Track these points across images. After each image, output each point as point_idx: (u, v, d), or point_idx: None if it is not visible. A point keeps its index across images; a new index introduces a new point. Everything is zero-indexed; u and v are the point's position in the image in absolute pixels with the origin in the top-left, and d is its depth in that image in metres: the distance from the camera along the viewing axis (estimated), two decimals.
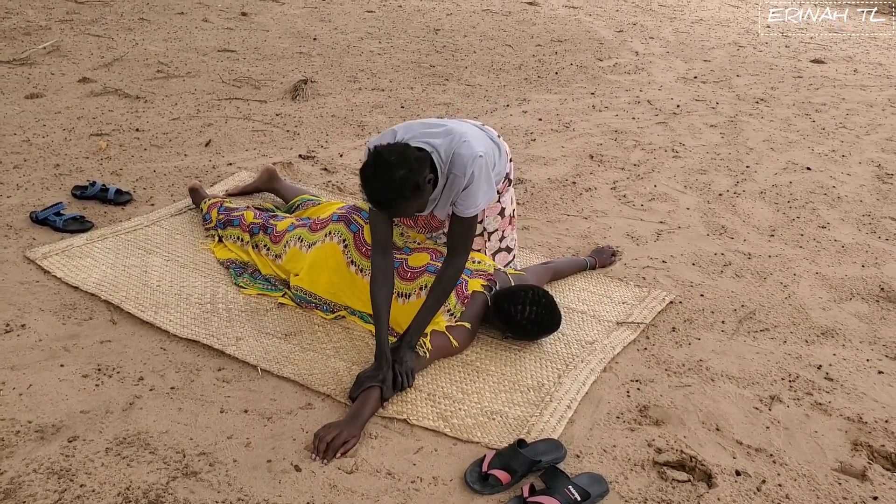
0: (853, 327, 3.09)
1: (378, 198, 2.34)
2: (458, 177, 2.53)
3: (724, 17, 10.56)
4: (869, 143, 5.50)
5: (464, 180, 2.52)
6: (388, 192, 2.31)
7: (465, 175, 2.52)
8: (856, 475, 2.28)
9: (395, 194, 2.31)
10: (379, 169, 2.30)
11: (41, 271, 2.98)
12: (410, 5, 9.41)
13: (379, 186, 2.31)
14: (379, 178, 2.31)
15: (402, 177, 2.29)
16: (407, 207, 2.38)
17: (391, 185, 2.30)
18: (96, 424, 2.21)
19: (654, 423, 2.42)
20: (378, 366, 2.43)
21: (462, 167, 2.51)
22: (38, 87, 5.19)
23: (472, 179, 2.52)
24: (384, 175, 2.30)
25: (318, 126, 4.97)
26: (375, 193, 2.33)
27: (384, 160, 2.30)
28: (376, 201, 2.35)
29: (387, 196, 2.32)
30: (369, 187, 2.33)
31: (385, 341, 2.49)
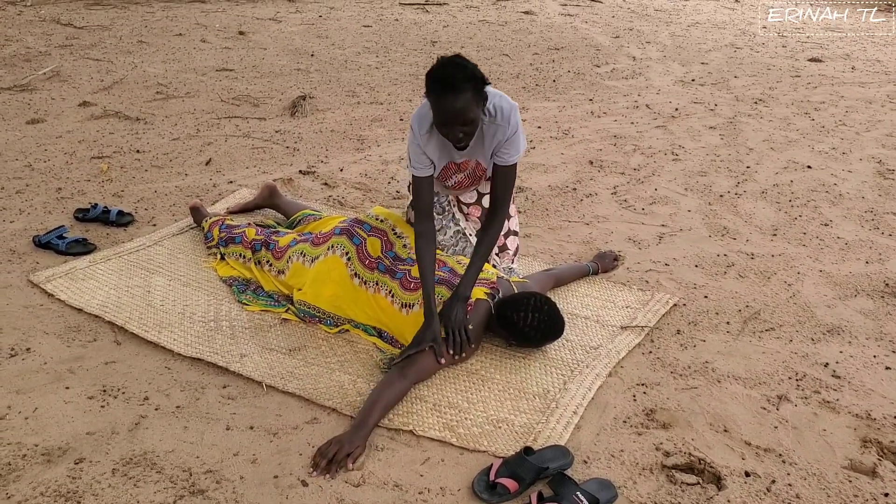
0: (859, 324, 3.08)
1: (452, 79, 2.41)
2: (501, 126, 2.68)
3: (720, 19, 10.58)
4: (869, 140, 5.50)
5: (507, 129, 2.68)
6: (461, 76, 2.41)
7: (508, 124, 2.67)
8: (866, 472, 2.26)
9: (464, 79, 2.41)
10: (452, 58, 2.47)
11: (45, 295, 2.99)
12: (407, 18, 9.47)
13: (454, 68, 2.43)
14: (454, 62, 2.45)
15: (473, 67, 2.46)
16: (470, 102, 2.45)
17: (462, 71, 2.42)
18: (102, 445, 2.21)
19: (661, 427, 2.41)
20: (427, 325, 2.58)
21: (506, 117, 2.67)
22: (38, 113, 5.23)
23: (517, 128, 2.70)
24: (457, 60, 2.46)
25: (317, 141, 4.99)
26: (450, 74, 2.41)
27: (455, 55, 2.48)
28: (449, 83, 2.41)
29: (459, 78, 2.41)
30: (444, 69, 2.42)
31: (432, 300, 2.63)
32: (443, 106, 2.46)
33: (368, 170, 4.50)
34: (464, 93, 2.43)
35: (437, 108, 2.49)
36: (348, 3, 10.47)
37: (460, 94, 2.43)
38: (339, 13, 9.66)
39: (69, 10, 8.80)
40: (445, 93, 2.43)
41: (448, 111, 2.47)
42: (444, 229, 3.08)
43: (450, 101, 2.45)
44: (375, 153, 4.81)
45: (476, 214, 3.10)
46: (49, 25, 7.95)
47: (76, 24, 8.06)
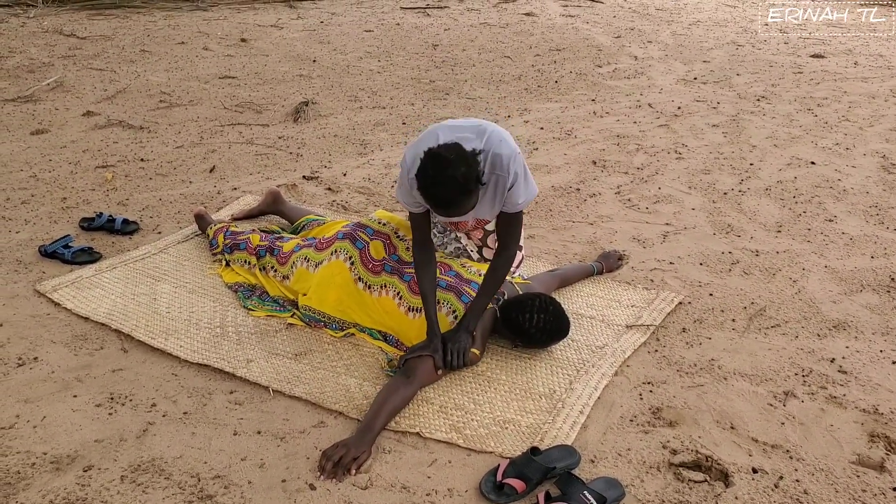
0: (865, 319, 3.07)
1: (444, 198, 2.31)
2: (501, 177, 2.52)
3: (721, 17, 10.58)
4: (873, 135, 5.48)
5: (508, 179, 2.52)
6: (452, 192, 2.29)
7: (508, 174, 2.52)
8: (874, 467, 2.26)
9: (459, 192, 2.29)
10: (439, 169, 2.28)
11: (52, 304, 3.01)
12: (408, 23, 9.48)
13: (443, 187, 2.29)
14: (442, 178, 2.28)
15: (464, 174, 2.28)
16: (468, 204, 2.37)
17: (454, 184, 2.27)
18: (111, 453, 2.22)
19: (667, 425, 2.41)
20: (429, 340, 2.60)
21: (504, 167, 2.50)
22: (42, 123, 5.26)
23: (517, 178, 2.53)
24: (446, 174, 2.27)
25: (320, 147, 5.00)
26: (440, 195, 2.30)
27: (443, 159, 2.28)
28: (442, 202, 2.32)
29: (451, 196, 2.30)
30: (433, 189, 2.30)
31: (435, 320, 2.64)
32: (442, 213, 2.40)
33: (371, 174, 4.51)
34: (459, 205, 2.34)
35: (436, 211, 2.41)
36: (349, 8, 10.50)
37: (456, 208, 2.35)
38: (340, 18, 9.68)
39: (72, 21, 8.84)
40: (442, 209, 2.36)
41: (449, 216, 2.43)
42: (446, 245, 3.08)
43: (449, 214, 2.40)
44: (378, 157, 4.82)
45: (478, 236, 3.07)
46: (52, 36, 7.98)
47: (79, 35, 8.10)
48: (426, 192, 2.33)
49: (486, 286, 2.68)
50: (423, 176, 2.32)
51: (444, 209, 2.35)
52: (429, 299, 2.66)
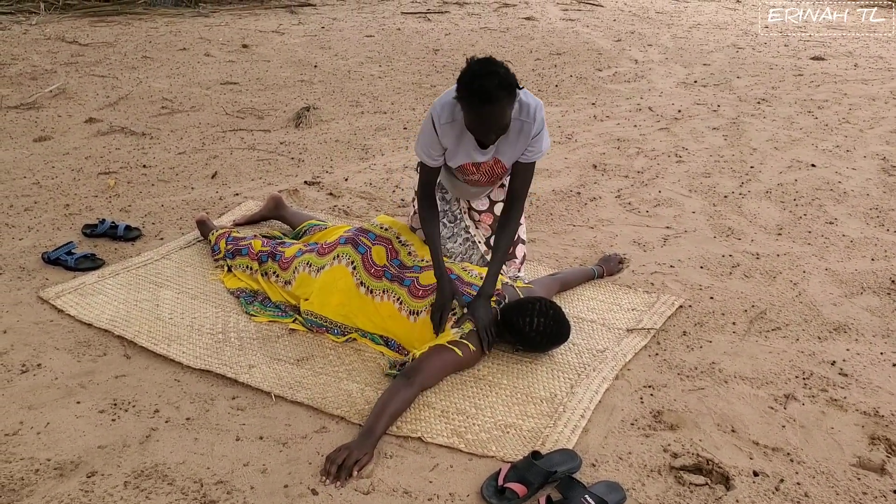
0: (865, 321, 3.08)
1: (487, 90, 2.36)
2: (527, 123, 2.63)
3: (721, 20, 10.59)
4: (873, 137, 5.49)
5: (534, 126, 2.64)
6: (496, 85, 2.36)
7: (534, 121, 2.63)
8: (875, 469, 2.26)
9: (501, 87, 2.37)
10: (484, 64, 2.41)
11: (55, 310, 3.02)
12: (409, 27, 9.51)
13: (488, 79, 2.36)
14: (487, 70, 2.38)
15: (505, 72, 2.41)
16: (506, 109, 2.45)
17: (498, 78, 2.37)
18: (114, 459, 2.23)
19: (668, 428, 2.42)
20: (441, 288, 2.73)
21: (531, 114, 2.62)
22: (45, 130, 5.28)
23: (542, 125, 2.66)
24: (491, 69, 2.38)
25: (322, 152, 5.02)
26: (485, 86, 2.36)
27: (487, 58, 2.43)
28: (486, 95, 2.37)
29: (494, 90, 2.36)
30: (478, 81, 2.36)
31: (444, 272, 2.76)
32: (478, 116, 2.46)
33: (373, 179, 4.53)
34: (500, 102, 2.41)
35: (472, 117, 2.48)
36: (350, 13, 10.53)
37: (496, 104, 2.41)
38: (341, 24, 9.71)
39: (74, 28, 8.87)
40: (482, 104, 2.41)
41: (484, 121, 2.47)
42: (455, 237, 3.10)
43: (486, 112, 2.44)
44: (380, 162, 4.83)
45: (487, 222, 3.11)
46: (54, 43, 8.01)
47: (81, 42, 8.13)
48: (470, 85, 2.39)
49: (500, 244, 2.79)
50: (467, 72, 2.42)
51: (487, 104, 2.39)
52: (436, 251, 2.76)
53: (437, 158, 2.73)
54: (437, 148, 2.70)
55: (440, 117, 2.63)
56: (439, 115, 2.63)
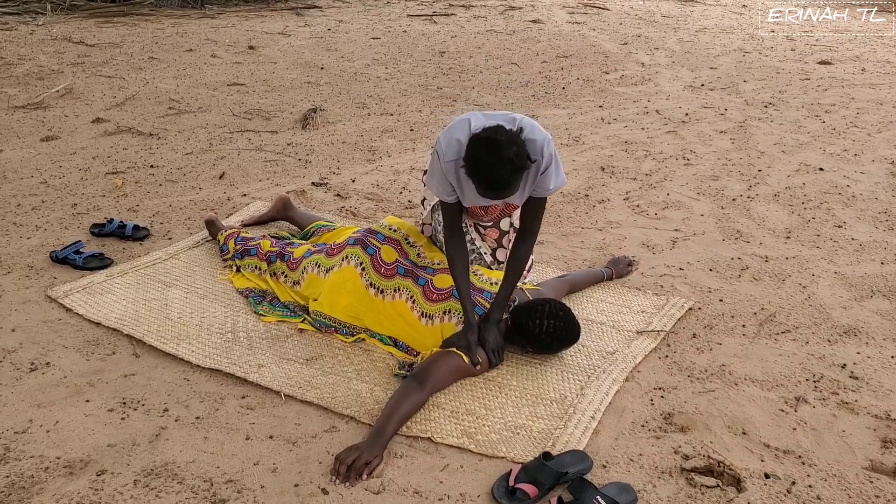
0: (876, 325, 3.06)
1: (500, 180, 2.32)
2: (535, 161, 2.53)
3: (727, 24, 10.58)
4: (881, 141, 5.48)
5: (542, 162, 2.55)
6: (507, 172, 2.31)
7: (542, 156, 2.54)
8: (887, 473, 2.25)
9: (513, 172, 2.32)
10: (493, 151, 2.30)
11: (63, 309, 3.02)
12: (415, 30, 9.51)
13: (500, 169, 2.30)
14: (498, 159, 2.29)
15: (516, 153, 2.31)
16: (519, 184, 2.40)
17: (510, 165, 2.30)
18: (123, 457, 2.23)
19: (679, 430, 2.41)
20: (464, 333, 2.66)
21: (538, 151, 2.52)
22: (52, 130, 5.28)
23: (550, 161, 2.57)
24: (501, 156, 2.29)
25: (329, 153, 5.02)
26: (497, 177, 2.31)
27: (494, 141, 2.31)
28: (498, 184, 2.33)
29: (508, 177, 2.31)
30: (490, 173, 2.31)
31: (471, 311, 2.69)
32: (493, 197, 2.43)
33: (380, 180, 4.53)
34: (515, 184, 2.37)
35: (487, 195, 2.42)
36: (357, 15, 10.53)
37: (512, 187, 2.37)
38: (347, 26, 9.72)
39: (80, 29, 8.89)
40: (498, 193, 2.38)
41: (498, 198, 2.46)
42: None
43: (500, 196, 2.42)
44: (387, 164, 4.83)
45: (493, 236, 3.06)
46: (61, 44, 8.03)
47: (88, 42, 8.14)
48: (482, 176, 2.34)
49: (511, 273, 2.74)
50: (475, 161, 2.34)
51: (499, 191, 2.36)
52: (462, 289, 2.70)
53: (451, 194, 2.62)
54: (447, 185, 2.60)
55: (444, 155, 2.53)
56: (444, 153, 2.54)
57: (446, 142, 2.53)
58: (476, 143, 2.35)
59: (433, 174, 2.63)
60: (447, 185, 2.60)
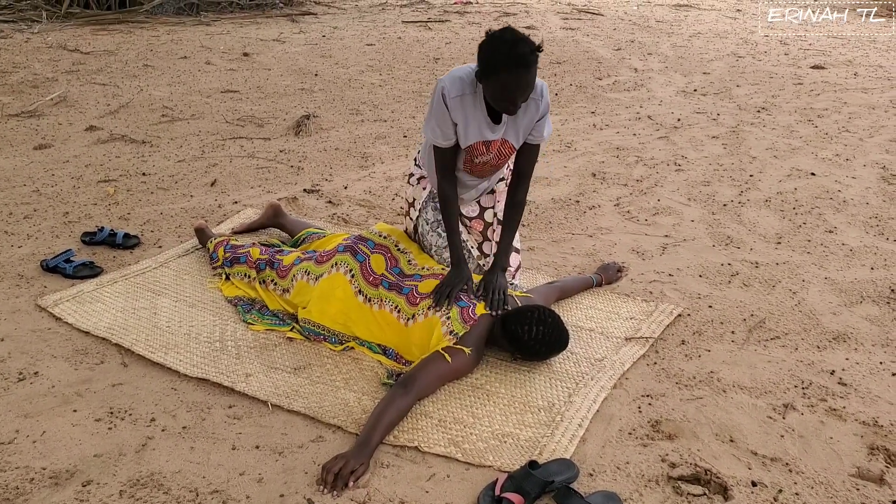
0: (865, 331, 3.07)
1: (523, 55, 2.45)
2: (534, 100, 2.71)
3: (721, 29, 10.61)
4: (873, 146, 5.49)
5: (541, 104, 2.74)
6: (529, 50, 2.46)
7: (541, 98, 2.72)
8: (874, 479, 2.25)
9: (531, 53, 2.46)
10: (512, 32, 2.50)
11: (53, 318, 3.01)
12: (409, 36, 9.53)
13: (522, 45, 2.46)
14: (518, 37, 2.48)
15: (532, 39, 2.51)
16: (533, 74, 2.53)
17: (529, 43, 2.48)
18: (110, 467, 2.22)
19: (666, 438, 2.41)
20: (457, 270, 2.82)
21: (538, 91, 2.70)
22: (45, 138, 5.29)
23: (547, 108, 2.77)
24: (519, 35, 2.49)
25: (321, 160, 5.02)
26: (520, 51, 2.45)
27: (509, 28, 2.53)
28: (523, 59, 2.46)
29: (528, 54, 2.46)
30: (514, 47, 2.45)
31: (459, 246, 2.88)
32: (515, 83, 2.51)
33: (372, 187, 4.53)
34: (534, 65, 2.50)
35: (510, 85, 2.52)
36: (351, 22, 10.55)
37: (532, 68, 2.49)
38: (342, 32, 9.74)
39: (75, 36, 8.90)
40: (521, 71, 2.48)
41: (521, 88, 2.54)
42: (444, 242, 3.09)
43: (523, 78, 2.51)
44: (379, 170, 4.84)
45: (478, 228, 3.11)
46: (56, 52, 8.04)
47: (82, 50, 8.15)
48: (510, 53, 2.46)
49: (512, 220, 2.93)
50: (497, 46, 2.48)
51: (524, 69, 2.47)
52: (454, 231, 2.86)
53: (450, 137, 2.75)
54: (448, 124, 2.72)
55: (450, 91, 2.66)
56: (449, 90, 2.66)
57: (450, 80, 2.67)
58: (493, 36, 2.52)
59: (432, 117, 2.74)
60: (448, 124, 2.71)
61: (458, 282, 2.81)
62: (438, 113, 2.71)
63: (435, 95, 2.72)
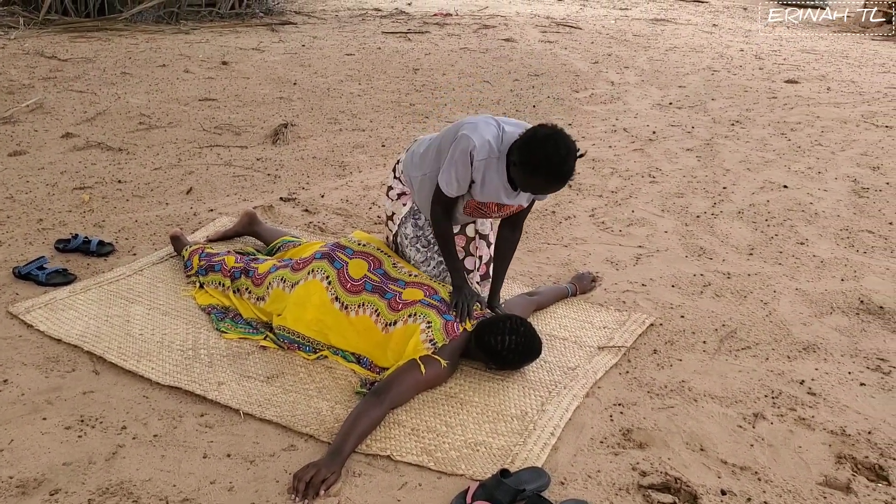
0: (834, 341, 3.11)
1: (570, 170, 2.54)
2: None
3: (697, 43, 10.73)
4: (844, 159, 5.58)
5: None
6: (574, 162, 2.55)
7: None
8: (840, 488, 2.29)
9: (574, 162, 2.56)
10: (563, 145, 2.53)
11: (24, 326, 2.98)
12: (389, 47, 9.55)
13: (571, 160, 2.53)
14: (569, 152, 2.53)
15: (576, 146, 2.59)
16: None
17: (575, 157, 2.56)
18: (79, 476, 2.20)
19: (637, 446, 2.43)
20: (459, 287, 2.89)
21: None
22: (21, 145, 5.24)
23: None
24: (570, 148, 2.54)
25: (298, 168, 5.02)
26: (569, 167, 2.53)
27: (561, 136, 2.55)
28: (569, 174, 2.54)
29: (573, 165, 2.55)
30: (563, 163, 2.52)
31: (461, 270, 2.94)
32: (551, 189, 2.63)
33: (350, 195, 4.53)
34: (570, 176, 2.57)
35: (545, 188, 2.63)
36: (331, 32, 10.56)
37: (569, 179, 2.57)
38: (322, 42, 9.74)
39: (53, 43, 8.83)
40: (560, 184, 2.58)
41: (552, 191, 2.67)
42: (428, 261, 3.10)
43: (559, 188, 2.61)
44: (357, 179, 4.84)
45: (460, 244, 3.12)
46: (33, 58, 7.97)
47: (60, 57, 8.09)
48: (555, 169, 2.53)
49: (507, 257, 3.05)
50: (546, 156, 2.52)
51: (563, 182, 2.57)
52: (452, 255, 2.93)
53: (463, 189, 2.79)
54: (468, 181, 2.76)
55: (479, 153, 2.68)
56: (478, 152, 2.68)
57: (479, 142, 2.69)
58: (543, 140, 2.55)
59: (452, 170, 2.74)
60: (468, 181, 2.76)
61: (471, 300, 2.87)
62: (461, 169, 2.73)
63: (457, 149, 2.71)
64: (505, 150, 2.70)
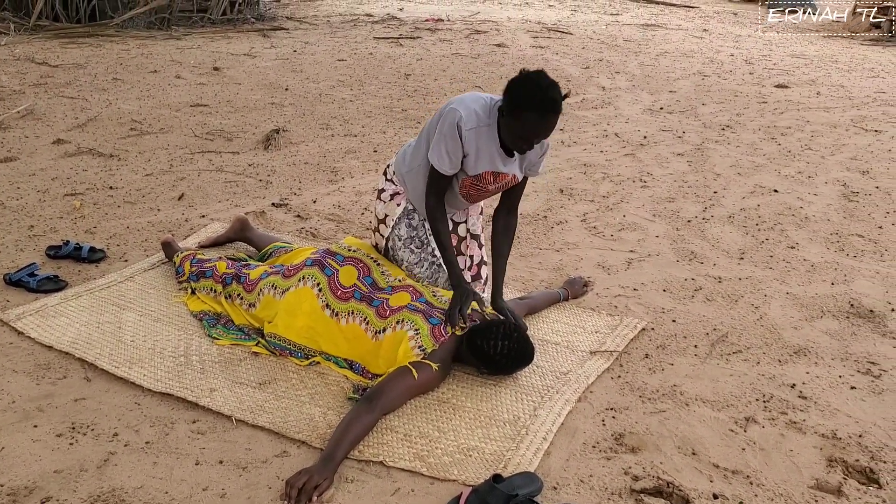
0: (825, 345, 3.13)
1: (556, 99, 2.54)
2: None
3: (688, 48, 10.78)
4: (834, 163, 5.61)
5: (546, 143, 2.85)
6: (559, 94, 2.56)
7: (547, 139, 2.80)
8: (832, 491, 2.30)
9: (562, 97, 2.58)
10: (544, 77, 2.56)
11: (15, 333, 2.97)
12: (381, 52, 9.57)
13: (553, 90, 2.54)
14: (550, 82, 2.56)
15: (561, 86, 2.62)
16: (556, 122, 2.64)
17: (559, 89, 2.58)
18: (70, 483, 2.20)
19: (630, 451, 2.44)
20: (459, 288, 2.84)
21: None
22: (11, 151, 5.22)
23: (549, 143, 2.90)
24: (551, 80, 2.57)
25: (290, 174, 5.02)
26: (553, 95, 2.54)
27: (540, 71, 2.59)
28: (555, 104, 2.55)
29: (559, 98, 2.56)
30: (548, 92, 2.53)
31: (457, 265, 2.90)
32: (542, 126, 2.60)
33: (342, 201, 4.54)
34: (561, 111, 2.59)
35: (535, 127, 2.60)
36: (323, 37, 10.57)
37: (558, 115, 2.59)
38: (313, 48, 9.75)
39: (44, 49, 8.81)
40: (549, 115, 2.57)
41: (545, 131, 2.63)
42: (422, 262, 3.10)
43: (550, 122, 2.59)
44: (349, 184, 4.85)
45: (452, 243, 3.13)
46: (24, 64, 7.95)
47: (51, 63, 8.07)
48: (543, 97, 2.53)
49: (505, 248, 3.04)
50: (529, 89, 2.54)
51: (553, 114, 2.57)
52: (448, 249, 2.89)
53: (457, 166, 2.78)
54: (459, 155, 2.75)
55: (466, 123, 2.69)
56: (465, 122, 2.68)
57: (466, 112, 2.69)
58: (527, 76, 2.57)
59: (442, 145, 2.74)
60: (459, 155, 2.74)
61: (466, 300, 2.83)
62: (450, 142, 2.72)
63: (445, 123, 2.72)
64: (496, 117, 2.73)
